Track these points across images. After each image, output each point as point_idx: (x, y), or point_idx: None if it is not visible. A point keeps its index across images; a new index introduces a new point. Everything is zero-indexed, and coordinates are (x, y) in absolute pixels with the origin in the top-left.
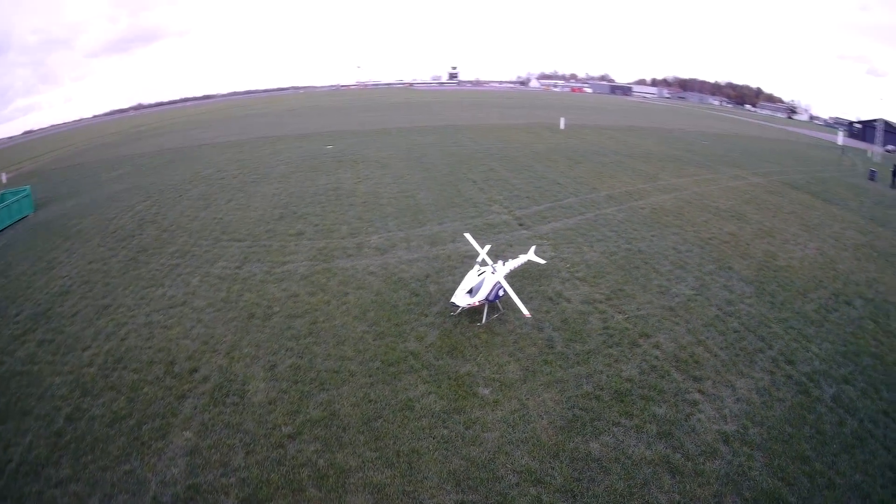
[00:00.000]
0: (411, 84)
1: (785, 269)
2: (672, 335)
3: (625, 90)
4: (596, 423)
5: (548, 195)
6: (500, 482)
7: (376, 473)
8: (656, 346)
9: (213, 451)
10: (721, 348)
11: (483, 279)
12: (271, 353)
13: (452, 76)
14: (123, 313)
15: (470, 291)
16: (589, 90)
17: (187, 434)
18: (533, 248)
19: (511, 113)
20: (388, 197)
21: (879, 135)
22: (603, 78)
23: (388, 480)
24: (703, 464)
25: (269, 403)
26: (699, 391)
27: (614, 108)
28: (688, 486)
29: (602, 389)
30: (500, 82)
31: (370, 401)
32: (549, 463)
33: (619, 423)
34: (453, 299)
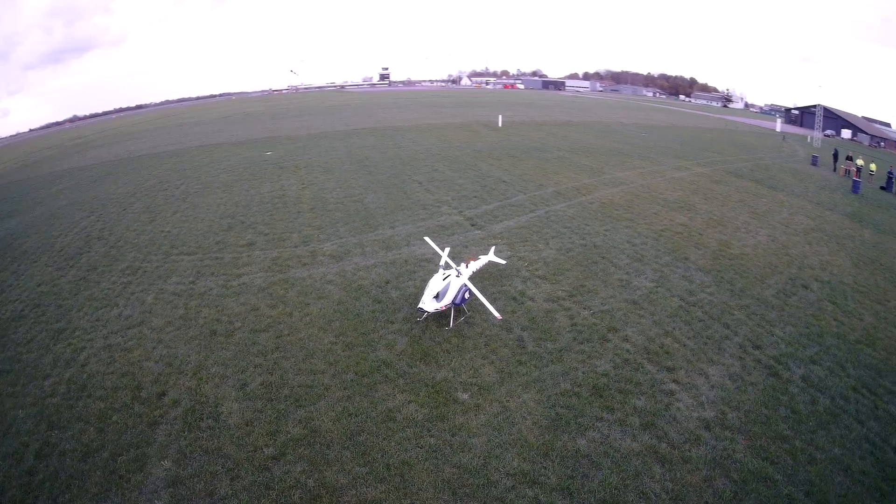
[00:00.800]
0: (342, 86)
1: (740, 257)
2: (639, 328)
3: (557, 85)
4: (579, 419)
5: (496, 194)
6: (495, 487)
7: (370, 489)
8: (626, 340)
9: (195, 479)
10: (689, 338)
11: (448, 283)
12: (240, 371)
13: (384, 77)
14: (80, 337)
15: (437, 296)
16: (521, 86)
17: (166, 464)
18: (493, 248)
19: (447, 112)
20: (336, 202)
21: (819, 120)
22: (535, 73)
23: (383, 496)
24: (689, 451)
25: (246, 425)
26: (674, 381)
27: (549, 103)
28: (678, 474)
29: (580, 386)
30: (432, 81)
31: (350, 414)
32: (541, 463)
33: (601, 417)
34: (421, 305)
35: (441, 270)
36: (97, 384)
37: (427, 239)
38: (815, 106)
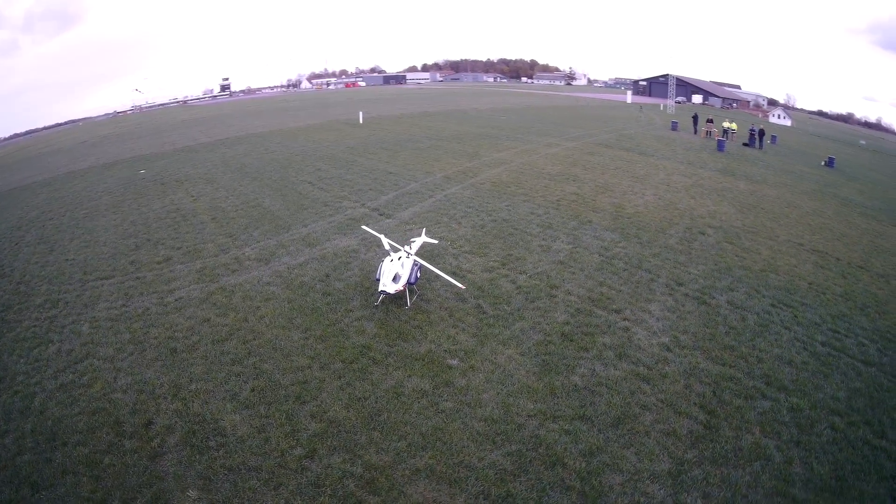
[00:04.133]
0: (185, 101)
1: (636, 216)
2: (576, 283)
3: (398, 79)
4: (564, 361)
5: (388, 185)
6: (524, 428)
7: (417, 460)
8: (569, 294)
9: (236, 500)
10: (621, 285)
11: (402, 264)
12: (222, 383)
13: (224, 88)
14: (24, 382)
15: (394, 278)
16: (363, 84)
17: (192, 494)
18: (424, 230)
19: (302, 114)
20: (234, 210)
21: (672, 89)
22: (373, 70)
23: (433, 461)
24: (663, 368)
25: (259, 432)
26: (624, 320)
27: (397, 97)
28: (662, 386)
29: (550, 335)
30: (272, 88)
31: (358, 399)
32: (552, 401)
33: (581, 356)
34: (382, 288)
35: (390, 253)
36: (68, 429)
37: (365, 227)
38: (664, 76)
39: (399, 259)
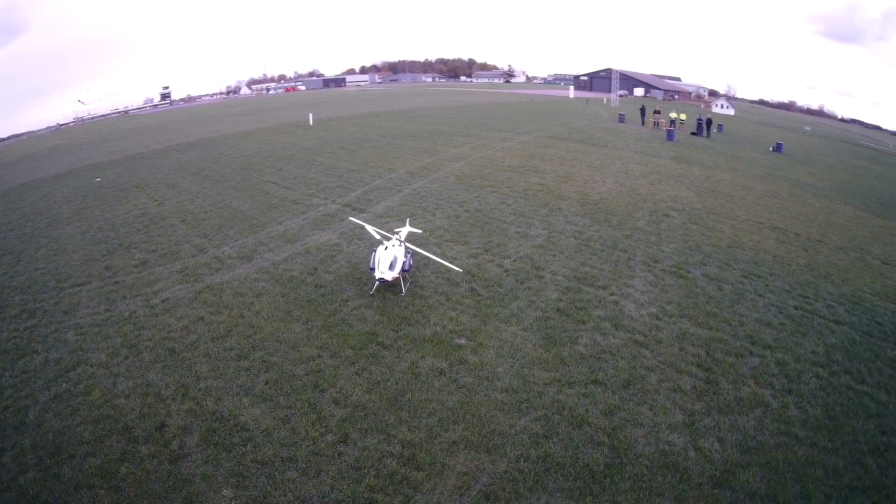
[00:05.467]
0: (126, 111)
1: (601, 202)
2: (559, 264)
3: (338, 82)
4: (566, 334)
5: (354, 182)
6: (544, 395)
7: (450, 433)
8: (555, 274)
9: (276, 493)
10: (601, 264)
11: (396, 251)
12: (232, 379)
13: (165, 96)
14: (13, 395)
15: (391, 266)
16: (303, 87)
17: (227, 493)
18: (408, 219)
19: (248, 119)
20: (203, 211)
21: (615, 83)
22: (312, 74)
23: (467, 433)
24: (657, 335)
25: (284, 423)
26: (612, 295)
27: (341, 99)
28: (660, 350)
29: (546, 312)
30: (212, 95)
31: (377, 382)
32: (563, 369)
33: (580, 329)
34: (380, 276)
35: (383, 241)
36: (73, 440)
37: (353, 218)
38: (605, 70)
39: (393, 246)
